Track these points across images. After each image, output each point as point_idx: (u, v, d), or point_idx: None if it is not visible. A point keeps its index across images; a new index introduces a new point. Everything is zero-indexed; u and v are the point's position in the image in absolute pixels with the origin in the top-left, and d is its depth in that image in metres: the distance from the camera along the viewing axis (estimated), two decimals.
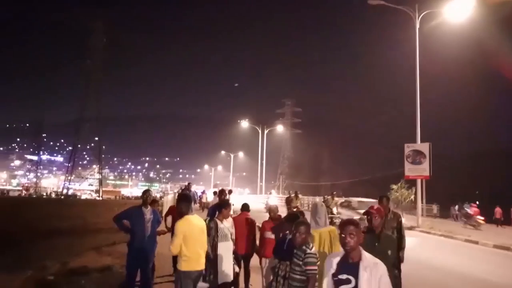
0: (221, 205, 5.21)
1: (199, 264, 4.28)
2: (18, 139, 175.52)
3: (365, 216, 4.00)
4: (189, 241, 4.15)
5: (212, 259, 4.84)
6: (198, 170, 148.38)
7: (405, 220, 20.84)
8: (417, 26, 20.24)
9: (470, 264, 10.46)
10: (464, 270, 9.41)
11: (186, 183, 13.56)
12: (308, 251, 3.69)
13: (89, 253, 9.90)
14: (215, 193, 13.88)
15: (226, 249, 4.96)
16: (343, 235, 2.60)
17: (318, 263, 3.56)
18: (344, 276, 2.53)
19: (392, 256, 3.78)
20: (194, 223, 4.31)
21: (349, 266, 2.56)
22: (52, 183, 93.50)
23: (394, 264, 3.91)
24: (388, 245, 3.76)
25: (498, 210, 25.01)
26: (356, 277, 2.49)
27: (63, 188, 64.41)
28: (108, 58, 65.31)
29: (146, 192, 5.49)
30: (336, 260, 2.65)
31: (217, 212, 5.16)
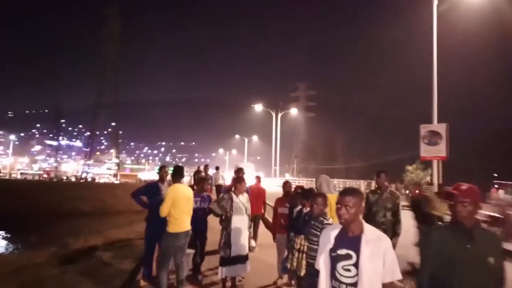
0: (236, 181, 5.32)
1: (186, 226, 4.87)
2: (38, 125, 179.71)
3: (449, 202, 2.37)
4: (177, 205, 4.73)
5: (227, 232, 4.98)
6: (213, 154, 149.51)
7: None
8: (435, 2, 19.61)
9: None
10: None
11: (203, 166, 13.05)
12: (326, 222, 3.77)
13: (110, 231, 10.24)
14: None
15: (240, 223, 5.07)
16: (338, 206, 2.29)
17: None
18: (343, 251, 2.22)
19: (497, 265, 2.18)
20: (182, 190, 4.88)
21: (349, 240, 2.23)
22: (71, 167, 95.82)
23: (500, 279, 2.21)
24: (489, 248, 2.21)
25: (493, 191, 24.87)
26: (357, 252, 2.17)
27: (82, 172, 66.00)
28: (123, 43, 65.63)
29: (163, 169, 5.65)
30: (334, 233, 2.31)
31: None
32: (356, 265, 2.17)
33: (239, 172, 6.69)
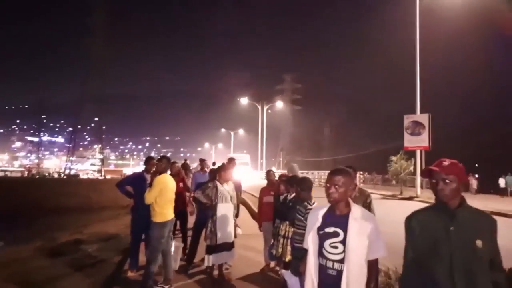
0: (220, 169, 5.37)
1: (171, 214, 5.00)
2: (18, 121, 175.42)
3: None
4: (163, 195, 4.81)
5: (213, 220, 5.04)
6: (199, 149, 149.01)
7: (405, 191, 21.40)
8: None
9: None
10: None
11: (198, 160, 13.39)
12: (309, 206, 3.86)
13: (96, 225, 10.17)
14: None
15: (226, 210, 5.13)
16: (327, 185, 2.32)
17: None
18: (331, 229, 2.27)
19: (486, 249, 1.94)
20: (169, 181, 4.98)
21: (337, 218, 2.29)
22: (54, 164, 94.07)
23: (494, 265, 1.98)
24: (476, 230, 1.98)
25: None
26: (345, 230, 2.23)
27: (65, 169, 64.87)
28: (107, 37, 64.31)
29: (149, 160, 5.66)
30: (321, 212, 2.37)
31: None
32: (343, 242, 2.23)
33: (230, 162, 6.75)
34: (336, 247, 2.26)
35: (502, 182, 25.48)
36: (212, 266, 5.22)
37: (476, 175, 26.38)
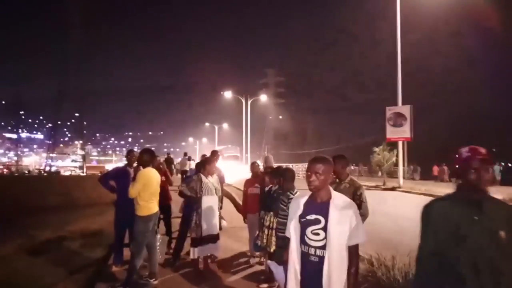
0: (205, 162, 5.36)
1: (155, 208, 4.95)
2: None
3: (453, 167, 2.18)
4: (147, 189, 4.77)
5: (197, 212, 5.04)
6: (183, 144, 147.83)
7: (388, 182, 21.81)
8: None
9: None
10: None
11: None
12: (291, 196, 3.91)
13: (79, 222, 9.98)
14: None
15: (210, 203, 5.14)
16: (308, 173, 2.36)
17: None
18: (312, 217, 2.31)
19: (510, 240, 1.90)
20: (153, 174, 4.91)
21: (318, 206, 2.34)
22: (33, 161, 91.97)
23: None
24: (500, 220, 1.95)
25: (435, 168, 28.34)
26: (326, 217, 2.27)
27: (45, 166, 63.55)
28: (86, 30, 62.87)
29: (130, 153, 5.59)
30: (303, 200, 2.42)
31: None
32: (324, 229, 2.27)
33: (213, 154, 6.79)
34: (317, 234, 2.30)
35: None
36: (197, 258, 5.23)
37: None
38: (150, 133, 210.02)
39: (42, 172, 56.41)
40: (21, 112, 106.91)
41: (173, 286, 4.91)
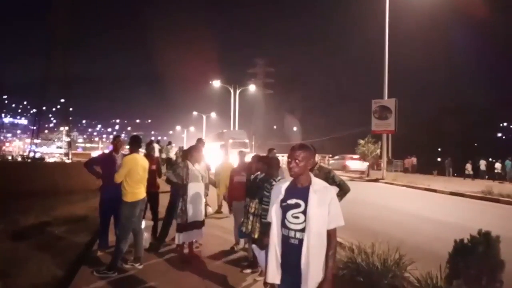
0: (191, 150, 5.41)
1: (142, 194, 4.99)
2: None
3: None
4: (133, 175, 4.80)
5: (183, 199, 5.10)
6: (170, 132, 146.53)
7: (371, 174, 22.18)
8: None
9: (428, 207, 11.41)
10: (422, 213, 10.22)
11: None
12: (274, 182, 4.00)
13: (63, 208, 9.92)
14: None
15: (196, 190, 5.20)
16: (289, 160, 2.45)
17: None
18: (293, 201, 2.41)
19: None
20: (139, 160, 4.94)
21: (298, 190, 2.43)
22: (17, 146, 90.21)
23: None
24: None
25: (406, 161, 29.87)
26: (306, 200, 2.37)
27: (29, 152, 62.44)
28: (74, 14, 61.39)
29: (116, 138, 5.60)
30: (284, 186, 2.51)
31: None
32: (304, 212, 2.36)
33: (199, 142, 6.86)
34: (297, 217, 2.39)
35: (498, 166, 25.75)
36: (182, 244, 5.30)
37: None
38: (137, 121, 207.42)
39: (26, 158, 55.45)
40: (4, 97, 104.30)
41: (158, 271, 4.98)
